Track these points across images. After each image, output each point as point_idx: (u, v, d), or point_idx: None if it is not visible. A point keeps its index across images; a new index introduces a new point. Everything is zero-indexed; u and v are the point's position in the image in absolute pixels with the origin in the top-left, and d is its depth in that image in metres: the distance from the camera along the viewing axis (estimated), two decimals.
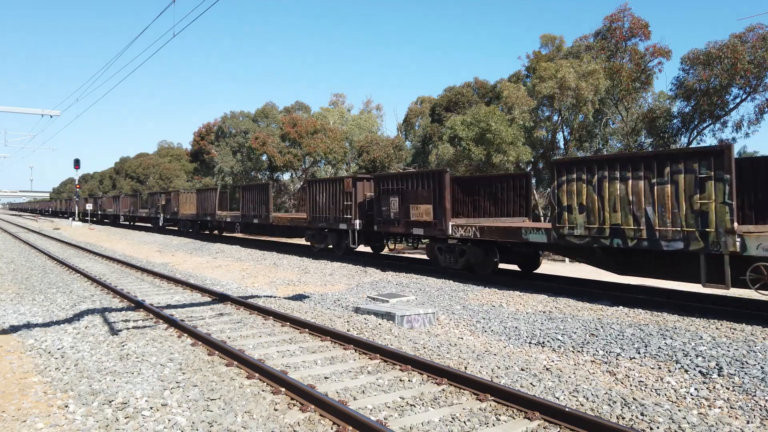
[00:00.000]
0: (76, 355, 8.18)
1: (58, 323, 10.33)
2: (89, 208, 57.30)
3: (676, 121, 26.11)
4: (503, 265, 15.92)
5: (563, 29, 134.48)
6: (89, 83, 54.69)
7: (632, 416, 5.81)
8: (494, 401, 6.13)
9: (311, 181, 22.87)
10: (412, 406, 6.09)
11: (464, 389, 6.49)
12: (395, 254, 23.05)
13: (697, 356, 7.91)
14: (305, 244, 26.54)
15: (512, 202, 17.62)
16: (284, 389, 6.46)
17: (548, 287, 13.41)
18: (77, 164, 49.04)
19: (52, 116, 24.13)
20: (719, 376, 7.26)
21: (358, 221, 19.29)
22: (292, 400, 6.23)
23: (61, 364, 7.77)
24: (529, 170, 20.52)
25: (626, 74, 25.69)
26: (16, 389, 6.82)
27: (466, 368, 7.44)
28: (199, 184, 50.78)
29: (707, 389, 6.94)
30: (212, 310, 11.55)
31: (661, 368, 7.73)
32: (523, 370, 7.45)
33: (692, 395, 6.81)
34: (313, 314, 10.91)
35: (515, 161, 26.95)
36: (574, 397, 6.39)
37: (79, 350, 8.41)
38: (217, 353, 8.04)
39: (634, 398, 6.27)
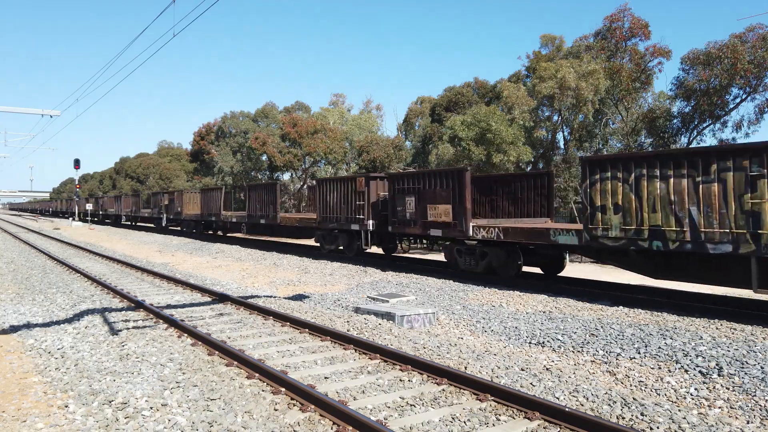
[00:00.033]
0: (76, 355, 8.18)
1: (58, 323, 10.33)
2: (89, 208, 57.20)
3: (676, 121, 26.13)
4: (525, 267, 15.18)
5: (563, 29, 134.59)
6: (89, 83, 54.73)
7: (632, 416, 5.81)
8: (494, 401, 6.13)
9: (321, 180, 22.14)
10: (412, 406, 6.09)
11: (464, 389, 6.49)
12: (409, 256, 22.28)
13: (697, 356, 7.91)
14: (305, 244, 26.57)
15: (532, 201, 16.95)
16: (284, 389, 6.46)
17: (548, 287, 13.42)
18: (77, 164, 49.02)
19: (52, 116, 24.13)
20: (719, 376, 7.26)
21: (371, 222, 18.69)
22: (292, 400, 6.23)
23: (61, 364, 7.77)
24: (550, 170, 19.99)
25: (626, 74, 25.71)
26: (16, 389, 6.82)
27: (466, 368, 7.44)
28: (199, 184, 50.79)
29: (707, 389, 6.94)
30: (212, 310, 11.56)
31: (661, 368, 7.73)
32: (523, 370, 7.45)
33: (692, 395, 6.82)
34: (313, 314, 10.91)
35: (515, 161, 26.97)
36: (574, 397, 6.39)
37: (79, 350, 8.41)
38: (217, 353, 8.04)
39: (634, 398, 6.27)
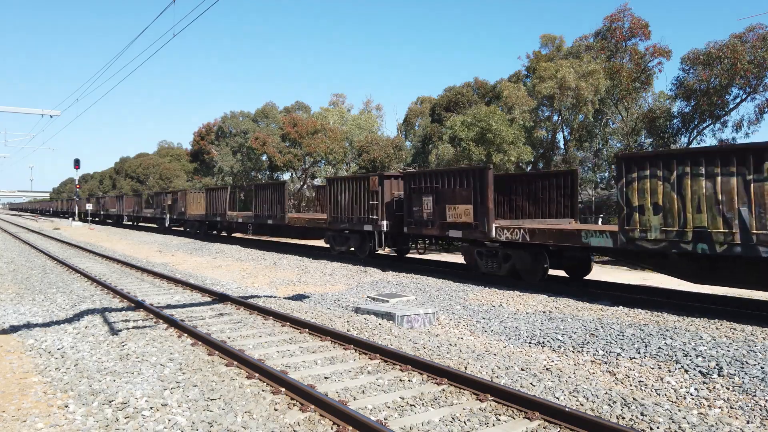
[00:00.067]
0: (76, 355, 8.18)
1: (58, 323, 10.33)
2: (89, 208, 57.12)
3: (676, 121, 26.12)
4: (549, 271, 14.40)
5: (563, 29, 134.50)
6: (89, 83, 54.77)
7: (632, 416, 5.81)
8: (494, 401, 6.13)
9: (332, 179, 21.38)
10: (412, 406, 6.09)
11: (464, 389, 6.49)
12: (424, 258, 21.31)
13: (697, 356, 7.91)
14: (305, 244, 26.56)
15: (555, 201, 16.45)
16: (284, 389, 6.46)
17: (548, 287, 13.41)
18: (77, 164, 49.04)
19: (52, 116, 24.16)
20: (719, 376, 7.26)
21: (385, 222, 18.06)
22: (292, 400, 6.23)
23: (61, 364, 7.77)
24: (575, 168, 19.47)
25: (626, 74, 25.71)
26: (16, 389, 6.82)
27: (466, 368, 7.44)
28: (199, 184, 50.77)
29: (707, 389, 6.94)
30: (212, 310, 11.56)
31: (661, 368, 7.73)
32: (523, 370, 7.45)
33: (692, 395, 6.81)
34: (313, 314, 10.91)
35: (516, 161, 26.98)
36: (574, 397, 6.39)
37: (79, 350, 8.41)
38: (217, 353, 8.04)
39: (634, 398, 6.27)
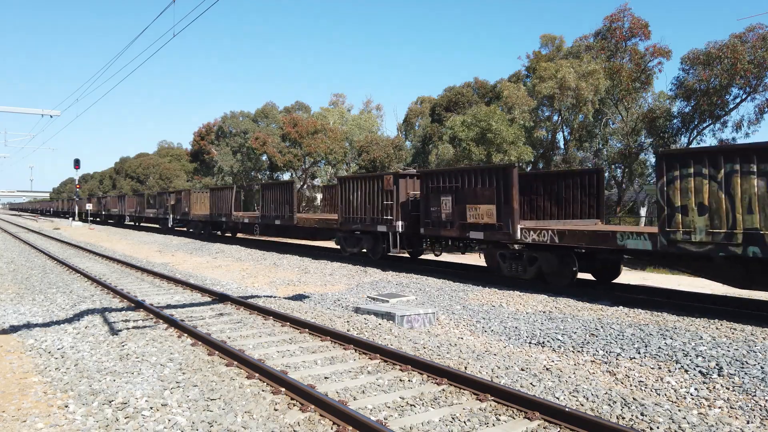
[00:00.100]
0: (76, 355, 8.18)
1: (58, 323, 10.33)
2: (89, 207, 57.08)
3: (676, 121, 26.13)
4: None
5: (563, 29, 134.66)
6: (89, 83, 54.78)
7: (632, 416, 5.81)
8: (494, 401, 6.13)
9: (344, 178, 20.79)
10: (412, 406, 6.09)
11: (464, 389, 6.49)
12: (443, 260, 20.06)
13: (697, 356, 7.91)
14: (306, 244, 26.56)
15: (579, 201, 15.88)
16: (284, 389, 6.46)
17: (548, 287, 13.41)
18: (77, 164, 49.05)
19: (52, 116, 24.16)
20: (719, 376, 7.26)
21: (400, 222, 17.40)
22: (292, 400, 6.23)
23: (61, 364, 7.77)
24: (601, 167, 18.91)
25: (626, 74, 25.72)
26: (16, 389, 6.82)
27: (466, 368, 7.44)
28: (199, 184, 50.81)
29: (707, 389, 6.94)
30: (212, 310, 11.56)
31: (661, 368, 7.73)
32: (523, 370, 7.45)
33: (692, 395, 6.81)
34: (313, 314, 10.91)
35: (516, 161, 26.98)
36: (574, 397, 6.39)
37: (79, 350, 8.41)
38: (217, 353, 8.04)
39: (634, 398, 6.27)
